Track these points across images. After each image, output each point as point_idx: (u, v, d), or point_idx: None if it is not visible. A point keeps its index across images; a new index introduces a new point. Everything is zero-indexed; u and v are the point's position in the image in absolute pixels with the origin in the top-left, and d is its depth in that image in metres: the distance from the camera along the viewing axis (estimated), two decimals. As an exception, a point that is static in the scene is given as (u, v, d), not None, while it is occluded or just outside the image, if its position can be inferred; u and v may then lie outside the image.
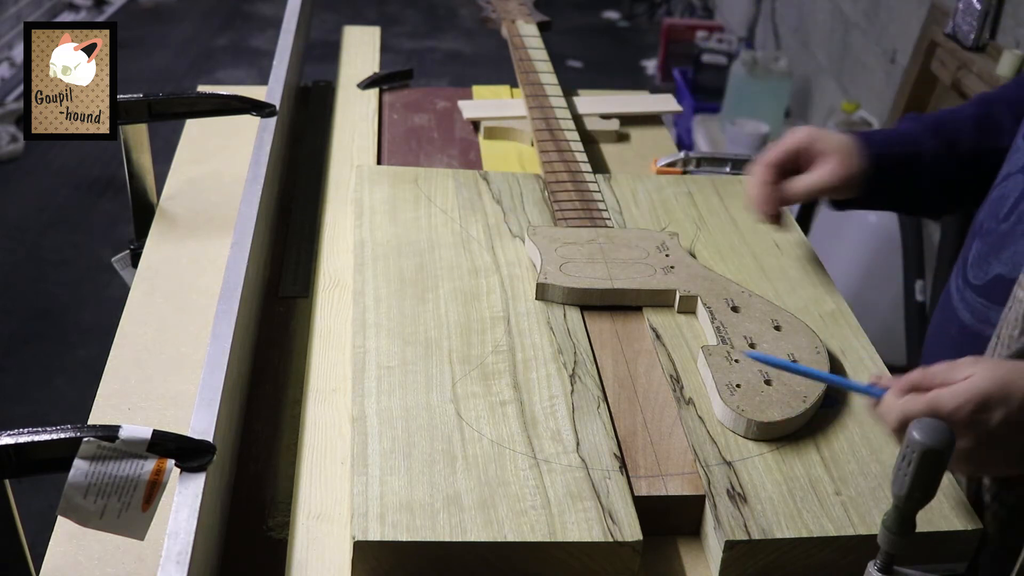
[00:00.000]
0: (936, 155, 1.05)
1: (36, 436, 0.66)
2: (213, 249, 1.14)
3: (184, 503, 0.68)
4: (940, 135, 1.06)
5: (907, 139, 1.06)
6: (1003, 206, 0.93)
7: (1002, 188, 0.96)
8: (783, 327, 0.97)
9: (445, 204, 1.16)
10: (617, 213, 1.18)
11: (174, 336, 1.01)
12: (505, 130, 1.43)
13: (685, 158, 1.36)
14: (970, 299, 0.94)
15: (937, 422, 0.64)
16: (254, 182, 1.07)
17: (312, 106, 1.51)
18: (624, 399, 0.90)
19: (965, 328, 0.94)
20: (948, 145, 1.06)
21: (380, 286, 1.01)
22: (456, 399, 0.87)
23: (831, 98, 3.55)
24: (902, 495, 0.66)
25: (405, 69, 1.61)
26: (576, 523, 0.76)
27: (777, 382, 0.90)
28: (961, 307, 0.96)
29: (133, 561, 0.77)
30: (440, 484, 0.78)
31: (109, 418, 0.90)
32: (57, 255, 3.11)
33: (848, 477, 0.83)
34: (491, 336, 0.95)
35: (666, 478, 0.82)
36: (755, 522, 0.78)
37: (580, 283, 1.01)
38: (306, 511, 0.81)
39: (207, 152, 1.36)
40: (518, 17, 1.65)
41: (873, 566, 0.70)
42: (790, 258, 1.13)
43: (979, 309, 0.92)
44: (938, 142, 1.06)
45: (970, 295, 0.94)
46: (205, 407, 0.76)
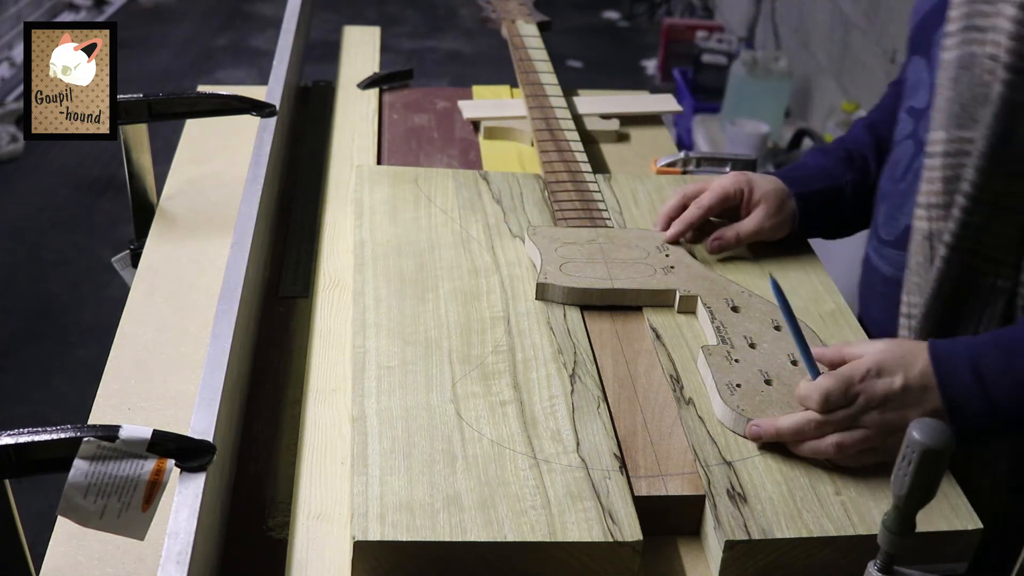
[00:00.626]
0: (855, 185, 1.14)
1: (36, 436, 0.65)
2: (213, 249, 1.14)
3: (184, 503, 0.68)
4: (853, 166, 1.15)
5: (826, 174, 1.15)
6: (898, 168, 1.04)
7: (895, 154, 1.06)
8: (783, 327, 0.97)
9: (445, 204, 1.16)
10: (617, 213, 1.18)
11: (174, 336, 1.01)
12: (505, 130, 1.43)
13: (685, 158, 1.36)
14: (887, 254, 1.05)
15: (937, 422, 0.65)
16: (254, 182, 1.07)
17: (312, 106, 1.51)
18: (624, 399, 0.90)
19: (887, 280, 1.05)
20: (862, 174, 1.15)
21: (380, 286, 1.01)
22: (456, 399, 0.87)
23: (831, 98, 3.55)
24: (902, 495, 0.66)
25: (405, 69, 1.61)
26: (576, 523, 0.76)
27: (777, 382, 0.90)
28: (880, 263, 1.06)
29: (133, 561, 0.77)
30: (440, 484, 0.78)
31: (109, 418, 0.90)
32: (57, 255, 3.11)
33: (848, 477, 0.83)
34: (491, 336, 0.95)
35: (666, 478, 0.82)
36: (755, 522, 0.78)
37: (580, 283, 1.01)
38: (306, 511, 0.81)
39: (207, 152, 1.36)
40: (518, 17, 1.65)
41: (873, 566, 0.70)
42: (790, 258, 1.13)
43: (896, 259, 1.02)
44: (854, 174, 1.15)
45: (886, 251, 1.05)
46: (205, 407, 0.76)
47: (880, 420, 0.83)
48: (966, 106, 0.90)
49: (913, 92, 1.02)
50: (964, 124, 0.91)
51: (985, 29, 0.88)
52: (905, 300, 0.99)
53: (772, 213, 1.11)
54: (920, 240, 0.96)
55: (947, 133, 0.92)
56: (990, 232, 0.90)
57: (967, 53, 0.90)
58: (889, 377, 0.84)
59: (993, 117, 0.87)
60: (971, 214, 0.90)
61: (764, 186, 1.12)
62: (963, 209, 0.90)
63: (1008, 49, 0.85)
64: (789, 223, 1.13)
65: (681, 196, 1.13)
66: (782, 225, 1.12)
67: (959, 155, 0.91)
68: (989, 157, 0.88)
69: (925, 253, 0.95)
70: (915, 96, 1.01)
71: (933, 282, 0.93)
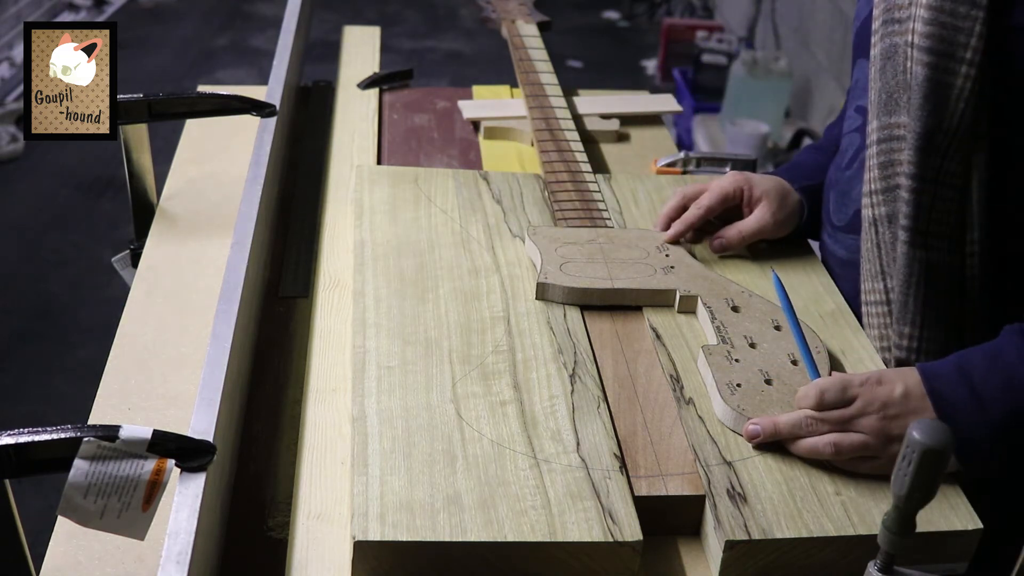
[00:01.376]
0: None
1: (36, 436, 0.65)
2: (213, 249, 1.14)
3: (184, 503, 0.68)
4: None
5: (824, 168, 1.15)
6: (844, 157, 1.08)
7: (843, 145, 1.10)
8: (783, 327, 0.97)
9: (445, 204, 1.16)
10: (617, 213, 1.18)
11: (174, 336, 1.01)
12: (505, 130, 1.43)
13: (685, 158, 1.36)
14: (840, 239, 1.08)
15: (937, 422, 0.65)
16: (254, 182, 1.07)
17: (312, 106, 1.51)
18: (624, 399, 0.90)
19: (843, 262, 1.08)
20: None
21: (380, 286, 1.01)
22: (456, 399, 0.87)
23: (831, 98, 3.55)
24: (902, 495, 0.66)
25: (405, 69, 1.61)
26: (576, 523, 0.76)
27: (777, 381, 0.90)
28: (836, 248, 1.10)
29: (133, 561, 0.77)
30: (440, 484, 0.78)
31: (109, 418, 0.90)
32: (57, 255, 3.11)
33: (848, 477, 0.83)
34: (491, 336, 0.95)
35: (666, 478, 0.82)
36: (755, 522, 0.78)
37: (580, 283, 1.01)
38: (306, 511, 0.81)
39: (207, 152, 1.36)
40: (518, 17, 1.65)
41: (873, 566, 0.70)
42: (790, 258, 1.13)
43: (849, 243, 1.06)
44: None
45: (840, 235, 1.08)
46: (205, 407, 0.76)
47: (880, 427, 0.83)
48: (892, 93, 0.94)
49: (862, 92, 1.04)
50: (891, 110, 0.94)
51: (903, 20, 0.92)
52: (864, 288, 1.01)
53: (774, 210, 1.11)
54: (867, 227, 0.99)
55: (879, 121, 0.96)
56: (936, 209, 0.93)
57: (889, 45, 0.94)
58: (889, 385, 0.85)
59: (923, 98, 0.90)
60: (919, 193, 0.92)
61: (764, 184, 1.12)
62: (910, 190, 0.93)
63: (923, 34, 0.89)
64: (793, 220, 1.13)
65: (681, 196, 1.13)
66: (786, 222, 1.13)
67: (891, 140, 0.94)
68: (922, 136, 0.90)
69: (872, 238, 0.98)
70: (863, 96, 1.04)
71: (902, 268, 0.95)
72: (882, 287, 0.98)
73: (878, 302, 0.99)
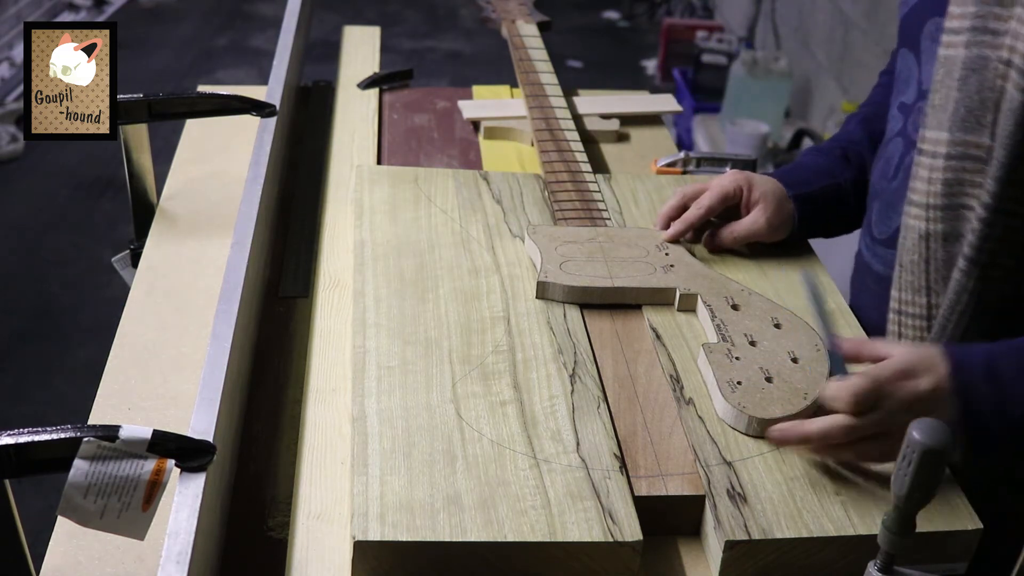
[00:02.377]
0: (855, 182, 1.13)
1: (36, 436, 0.65)
2: (213, 249, 1.13)
3: (184, 503, 0.68)
4: (851, 162, 1.14)
5: (825, 173, 1.14)
6: (889, 167, 1.03)
7: (886, 152, 1.05)
8: (783, 325, 0.97)
9: (445, 204, 1.16)
10: (617, 213, 1.18)
11: (174, 336, 1.01)
12: (505, 130, 1.43)
13: (685, 158, 1.36)
14: (880, 252, 1.04)
15: (937, 422, 0.65)
16: (254, 182, 1.07)
17: (312, 106, 1.51)
18: (624, 399, 0.90)
19: (879, 277, 1.04)
20: (860, 171, 1.14)
21: (380, 286, 1.01)
22: (456, 399, 0.87)
23: (831, 98, 3.55)
24: (902, 495, 0.66)
25: (405, 69, 1.61)
26: (576, 523, 0.76)
27: (778, 379, 0.90)
28: (873, 261, 1.05)
29: (133, 561, 0.77)
30: (440, 484, 0.78)
31: (109, 418, 0.90)
32: (57, 255, 3.11)
33: (848, 477, 0.83)
34: (491, 336, 0.95)
35: (666, 478, 0.82)
36: (755, 522, 0.78)
37: (580, 281, 1.01)
38: (306, 511, 0.81)
39: (207, 152, 1.36)
40: (518, 17, 1.65)
41: (873, 566, 0.70)
42: (790, 258, 1.13)
43: (888, 258, 1.02)
44: (852, 171, 1.14)
45: (879, 249, 1.04)
46: (205, 407, 0.76)
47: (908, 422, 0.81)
48: (973, 110, 0.89)
49: (904, 87, 1.00)
50: (971, 128, 0.89)
51: (999, 32, 0.86)
52: (896, 296, 0.97)
53: (769, 215, 1.10)
54: (915, 239, 0.94)
55: (951, 135, 0.90)
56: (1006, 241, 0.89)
57: (977, 55, 0.88)
58: (917, 379, 0.81)
59: (1015, 125, 0.85)
60: (991, 225, 0.88)
61: (763, 186, 1.12)
62: (982, 220, 0.88)
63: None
64: (788, 225, 1.12)
65: (681, 196, 1.13)
66: (780, 227, 1.12)
67: (965, 159, 0.90)
68: (1009, 167, 0.85)
69: (920, 252, 0.94)
70: (905, 91, 1.00)
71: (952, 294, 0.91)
72: (924, 302, 0.94)
73: (916, 315, 0.95)
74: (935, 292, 0.94)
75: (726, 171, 1.34)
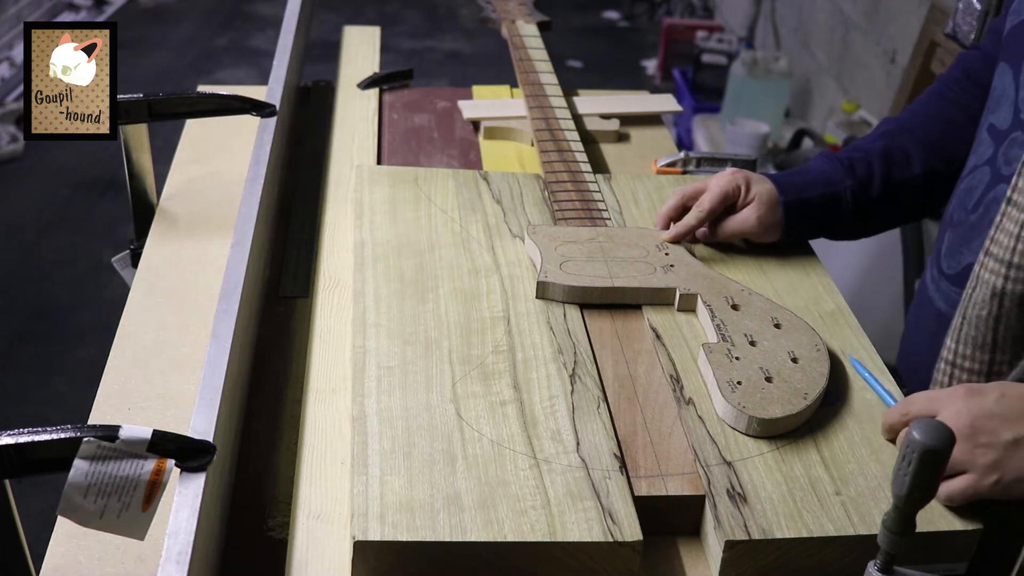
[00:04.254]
0: (855, 192, 1.13)
1: (36, 436, 0.65)
2: (213, 249, 1.14)
3: (184, 503, 0.68)
4: (855, 174, 1.13)
5: (824, 180, 1.12)
6: (971, 198, 0.97)
7: (970, 180, 0.98)
8: (783, 325, 0.97)
9: (445, 204, 1.16)
10: (617, 213, 1.18)
11: (174, 336, 1.01)
12: (505, 130, 1.43)
13: (685, 158, 1.36)
14: (944, 288, 0.98)
15: (937, 422, 0.65)
16: (254, 182, 1.07)
17: (312, 106, 1.51)
18: (624, 399, 0.90)
19: (940, 315, 0.98)
20: (863, 183, 1.13)
21: (380, 286, 1.01)
22: (456, 399, 0.87)
23: (831, 98, 3.55)
24: (902, 495, 0.66)
25: (405, 69, 1.61)
26: (576, 523, 0.76)
27: (778, 379, 0.90)
28: (936, 296, 1.00)
29: (133, 561, 0.77)
30: (440, 484, 0.78)
31: (109, 418, 0.90)
32: (57, 255, 3.11)
33: (848, 477, 0.83)
34: (491, 336, 0.95)
35: (666, 478, 0.82)
36: (755, 522, 0.78)
37: (580, 281, 1.01)
38: (306, 511, 0.81)
39: (207, 152, 1.36)
40: (518, 17, 1.65)
41: (873, 566, 0.70)
42: (790, 258, 1.13)
43: (952, 297, 0.96)
44: (855, 181, 1.12)
45: (944, 284, 0.98)
46: (205, 407, 0.76)
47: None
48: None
49: (996, 106, 0.93)
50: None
51: None
52: (951, 347, 0.92)
53: (761, 215, 1.09)
54: (987, 294, 0.87)
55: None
56: None
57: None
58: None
59: None
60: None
61: (759, 186, 1.11)
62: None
63: None
64: (779, 226, 1.11)
65: (680, 196, 1.13)
66: (772, 228, 1.11)
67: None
68: None
69: (991, 310, 0.87)
70: (997, 111, 0.93)
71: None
72: (987, 359, 0.89)
73: (974, 371, 0.90)
74: (1001, 351, 0.88)
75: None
